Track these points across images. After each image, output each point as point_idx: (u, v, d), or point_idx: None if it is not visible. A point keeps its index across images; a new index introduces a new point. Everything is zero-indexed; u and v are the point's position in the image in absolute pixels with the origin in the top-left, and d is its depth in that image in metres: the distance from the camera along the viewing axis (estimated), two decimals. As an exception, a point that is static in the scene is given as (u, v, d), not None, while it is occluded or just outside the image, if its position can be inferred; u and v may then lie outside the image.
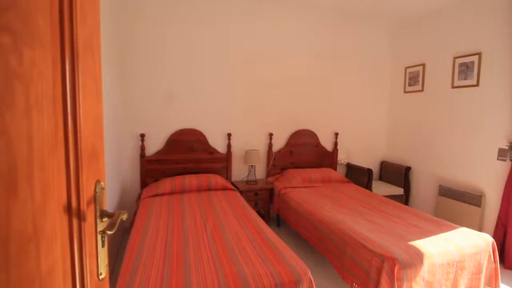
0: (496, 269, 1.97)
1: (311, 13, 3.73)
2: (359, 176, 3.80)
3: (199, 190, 2.94)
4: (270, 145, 3.68)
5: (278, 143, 3.78)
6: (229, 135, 3.47)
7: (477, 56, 3.04)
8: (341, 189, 3.29)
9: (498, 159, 2.86)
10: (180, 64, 3.23)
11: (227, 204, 2.57)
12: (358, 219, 2.34)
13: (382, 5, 3.52)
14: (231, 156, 3.49)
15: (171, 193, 2.82)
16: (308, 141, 3.89)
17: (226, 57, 3.40)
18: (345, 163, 4.12)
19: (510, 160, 2.69)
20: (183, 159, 3.27)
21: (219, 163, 3.44)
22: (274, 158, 3.71)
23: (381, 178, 4.31)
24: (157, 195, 2.74)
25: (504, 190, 2.74)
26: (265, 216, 3.42)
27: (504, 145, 2.80)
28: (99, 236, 0.62)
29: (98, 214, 0.62)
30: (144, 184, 3.12)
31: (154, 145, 3.20)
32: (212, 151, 3.41)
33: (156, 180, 3.14)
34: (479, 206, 2.97)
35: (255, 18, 3.48)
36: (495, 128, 2.91)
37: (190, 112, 3.32)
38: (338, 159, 4.08)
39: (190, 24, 3.22)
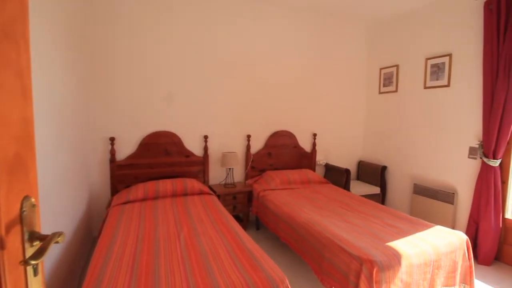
0: (470, 267, 2.00)
1: (289, 14, 3.69)
2: (337, 176, 3.81)
3: (174, 195, 2.81)
4: (248, 147, 3.61)
5: (257, 145, 3.72)
6: (205, 137, 3.36)
7: (448, 57, 3.12)
8: (320, 190, 3.27)
9: (469, 157, 2.95)
10: (153, 64, 3.08)
11: (203, 209, 2.47)
12: (336, 220, 2.31)
13: (357, 7, 3.56)
14: (208, 159, 3.38)
15: (144, 199, 2.67)
16: (287, 142, 3.86)
17: (202, 58, 3.29)
18: (324, 164, 4.13)
19: (480, 158, 2.78)
20: (157, 163, 3.13)
21: (196, 166, 3.33)
22: (252, 160, 3.64)
23: (358, 177, 4.36)
24: (128, 202, 2.59)
25: (475, 188, 2.82)
26: (244, 219, 3.34)
27: (475, 144, 2.89)
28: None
29: (26, 237, 0.52)
30: (114, 190, 2.95)
31: (125, 149, 3.03)
32: (188, 154, 3.28)
33: (127, 186, 2.97)
34: (452, 203, 3.04)
35: (233, 19, 3.39)
36: (465, 127, 2.99)
37: (164, 114, 3.18)
38: (317, 159, 4.08)
39: (164, 23, 3.08)
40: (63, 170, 1.89)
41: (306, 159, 3.98)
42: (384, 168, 3.95)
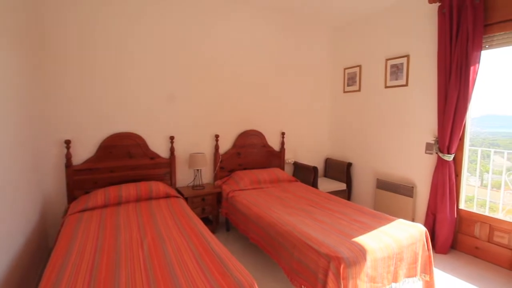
0: (429, 257, 2.11)
1: (255, 13, 3.68)
2: (305, 174, 3.87)
3: (138, 200, 2.67)
4: (216, 147, 3.54)
5: (225, 145, 3.66)
6: (171, 138, 3.24)
7: (406, 58, 3.29)
8: (289, 188, 3.29)
9: (426, 153, 3.13)
10: (113, 60, 2.89)
11: (169, 213, 2.36)
12: (304, 218, 2.33)
13: (322, 9, 3.63)
14: (175, 161, 3.26)
15: (105, 206, 2.50)
16: (256, 142, 3.84)
17: (167, 56, 3.16)
18: (292, 162, 4.17)
19: (436, 153, 2.96)
20: (119, 166, 2.95)
21: (162, 168, 3.19)
22: (221, 161, 3.57)
23: (326, 174, 4.46)
24: (87, 209, 2.41)
25: (432, 181, 3.00)
26: (213, 221, 3.27)
27: (431, 140, 3.07)
28: None
29: None
30: (72, 197, 2.73)
31: (83, 152, 2.82)
32: (153, 156, 3.14)
33: (86, 192, 2.77)
34: (411, 196, 3.22)
35: (199, 17, 3.29)
36: (422, 124, 3.18)
37: (126, 114, 3.01)
38: (286, 158, 4.11)
39: (124, 17, 2.91)
40: (2, 181, 1.69)
41: (275, 158, 3.99)
42: (349, 165, 4.08)
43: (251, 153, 3.81)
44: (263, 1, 3.47)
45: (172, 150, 3.24)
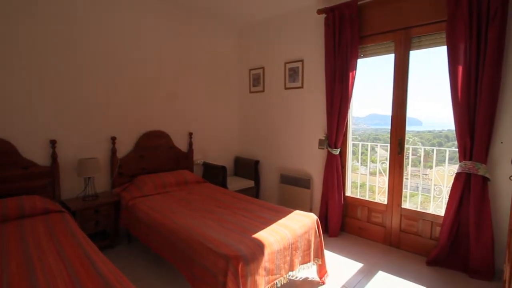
0: (320, 242, 2.34)
1: (162, 7, 3.45)
2: (215, 174, 3.85)
3: (3, 220, 2.16)
4: (113, 150, 3.18)
5: (125, 147, 3.32)
6: (53, 142, 2.75)
7: (301, 62, 3.59)
8: (197, 190, 3.21)
9: (319, 148, 3.49)
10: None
11: (46, 233, 1.98)
12: (208, 220, 2.29)
13: (226, 10, 3.66)
14: (59, 169, 2.78)
15: (-50, 233, 1.94)
16: (161, 143, 3.61)
17: (52, 47, 2.65)
18: (202, 163, 4.09)
19: (326, 148, 3.33)
20: (-25, 180, 2.35)
21: (40, 179, 2.68)
22: (120, 165, 3.23)
23: (236, 173, 4.54)
24: None
25: (324, 173, 3.37)
26: (112, 235, 2.93)
27: (322, 136, 3.44)
28: None
29: None
30: None
31: None
32: (26, 164, 2.60)
33: None
34: (308, 188, 3.55)
35: (96, 8, 2.87)
36: (316, 122, 3.53)
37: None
38: (194, 159, 4.01)
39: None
40: None
41: (183, 160, 3.84)
42: (257, 162, 4.24)
43: (156, 156, 3.56)
44: (161, -6, 3.28)
45: (54, 156, 2.75)
